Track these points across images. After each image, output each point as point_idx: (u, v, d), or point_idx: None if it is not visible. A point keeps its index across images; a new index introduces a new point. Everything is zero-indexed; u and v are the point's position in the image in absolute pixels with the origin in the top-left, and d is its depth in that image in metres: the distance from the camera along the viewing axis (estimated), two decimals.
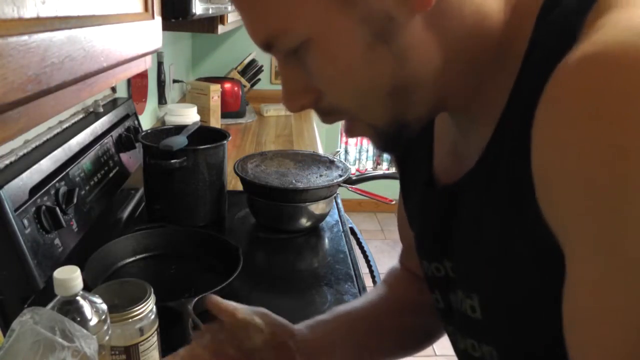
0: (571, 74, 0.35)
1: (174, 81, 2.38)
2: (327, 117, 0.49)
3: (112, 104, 1.41)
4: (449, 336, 0.61)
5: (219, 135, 1.29)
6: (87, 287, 0.63)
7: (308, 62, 0.44)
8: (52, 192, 0.91)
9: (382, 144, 0.50)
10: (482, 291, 0.48)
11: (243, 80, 2.74)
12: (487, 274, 0.47)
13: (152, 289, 0.71)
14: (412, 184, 0.64)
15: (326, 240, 1.29)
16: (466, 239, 0.51)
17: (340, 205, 1.46)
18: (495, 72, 0.45)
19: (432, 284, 0.61)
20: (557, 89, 0.36)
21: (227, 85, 2.44)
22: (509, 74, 0.43)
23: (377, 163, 3.82)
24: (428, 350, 2.43)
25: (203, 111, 2.15)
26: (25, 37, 0.37)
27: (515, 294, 0.45)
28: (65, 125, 1.13)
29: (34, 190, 0.86)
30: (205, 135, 1.28)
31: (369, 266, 1.43)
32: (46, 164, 0.94)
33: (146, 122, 1.92)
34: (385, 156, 3.77)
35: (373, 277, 1.41)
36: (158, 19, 0.75)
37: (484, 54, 0.44)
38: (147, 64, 0.76)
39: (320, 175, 1.29)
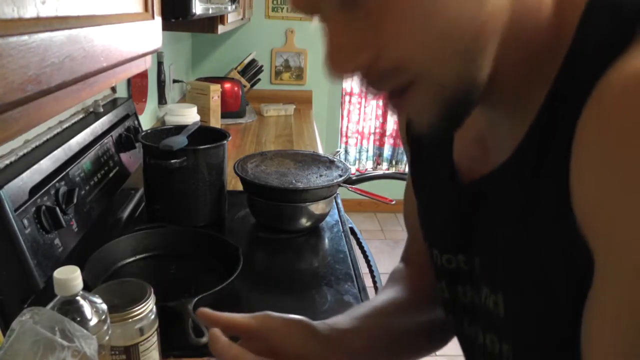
0: (624, 89, 0.34)
1: (174, 81, 2.38)
2: (381, 83, 0.42)
3: (112, 104, 1.41)
4: (452, 325, 0.61)
5: (219, 135, 1.29)
6: (87, 287, 0.63)
7: (377, 8, 0.38)
8: (52, 192, 0.91)
9: (444, 113, 0.42)
10: (507, 291, 0.47)
11: (243, 80, 2.74)
12: (514, 274, 0.46)
13: (152, 289, 0.71)
14: (427, 174, 0.62)
15: (326, 240, 1.29)
16: (491, 236, 0.49)
17: (340, 205, 1.46)
18: (541, 65, 0.42)
19: (439, 274, 0.59)
20: (608, 104, 0.35)
21: (227, 85, 2.44)
22: (552, 69, 0.40)
23: (377, 163, 3.82)
24: None
25: (203, 111, 2.15)
26: (25, 37, 0.37)
27: (541, 296, 0.43)
28: (65, 125, 1.13)
29: (34, 190, 0.86)
30: (205, 135, 1.28)
31: (369, 266, 1.43)
32: (46, 164, 0.94)
33: (146, 122, 1.92)
34: (385, 156, 3.77)
35: (373, 277, 1.41)
36: (158, 19, 0.75)
37: (537, 37, 0.42)
38: (147, 64, 0.76)
39: (320, 175, 1.29)
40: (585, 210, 0.37)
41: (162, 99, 2.14)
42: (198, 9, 1.07)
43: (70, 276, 0.57)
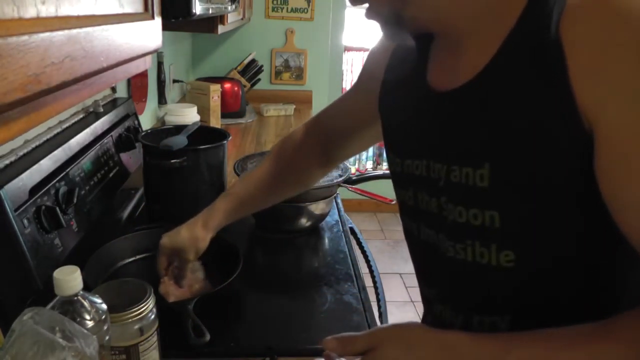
0: None
1: (174, 81, 2.38)
2: (354, 2, 0.62)
3: (112, 104, 1.41)
4: (409, 233, 0.72)
5: (219, 135, 1.29)
6: (87, 287, 0.63)
7: None
8: (52, 192, 0.91)
9: (385, 31, 0.63)
10: (494, 162, 0.57)
11: (243, 80, 2.74)
12: (502, 147, 0.56)
13: (152, 289, 0.71)
14: (402, 95, 0.72)
15: (326, 240, 1.29)
16: (468, 134, 0.60)
17: (340, 205, 1.46)
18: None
19: (406, 183, 0.69)
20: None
21: (227, 85, 2.43)
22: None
23: (377, 163, 3.82)
24: None
25: (203, 111, 2.15)
26: (25, 37, 0.37)
27: (525, 164, 0.55)
28: (65, 125, 1.13)
29: (34, 190, 0.86)
30: (205, 135, 1.28)
31: (369, 266, 1.43)
32: (46, 164, 0.94)
33: (146, 122, 1.92)
34: (385, 156, 3.77)
35: (373, 277, 1.41)
36: (158, 19, 0.75)
37: None
38: (147, 64, 0.76)
39: None
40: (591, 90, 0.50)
41: (162, 99, 2.14)
42: (198, 9, 1.07)
43: (70, 276, 0.57)
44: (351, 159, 3.76)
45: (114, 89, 1.51)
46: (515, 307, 0.62)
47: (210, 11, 1.25)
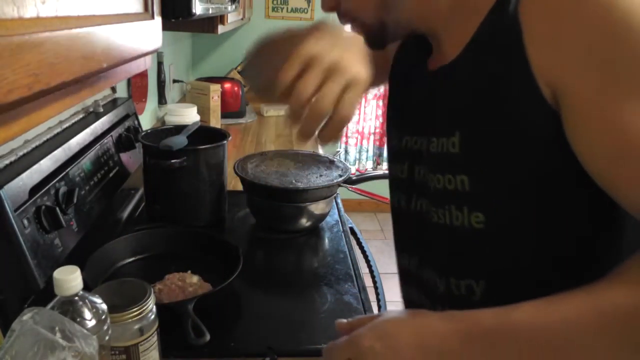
0: None
1: (174, 81, 2.38)
2: (341, 18, 0.69)
3: (112, 104, 1.41)
4: (397, 204, 0.77)
5: (219, 135, 1.29)
6: (87, 287, 0.63)
7: None
8: (52, 192, 0.91)
9: (368, 40, 0.66)
10: (463, 130, 0.62)
11: (243, 80, 2.74)
12: (469, 117, 0.62)
13: (152, 289, 0.71)
14: (404, 82, 0.78)
15: (326, 240, 1.29)
16: (454, 108, 0.64)
17: (340, 205, 1.46)
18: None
19: (403, 157, 0.75)
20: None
21: (227, 85, 2.43)
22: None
23: (377, 163, 3.82)
24: None
25: (203, 111, 2.15)
26: (25, 37, 0.37)
27: (490, 131, 0.60)
28: (65, 125, 1.13)
29: (34, 190, 0.86)
30: (205, 135, 1.28)
31: (369, 266, 1.43)
32: (46, 164, 0.94)
33: (146, 122, 1.92)
34: (385, 156, 3.76)
35: (373, 277, 1.41)
36: (158, 19, 0.75)
37: None
38: (147, 64, 0.76)
39: (320, 175, 1.29)
40: (551, 62, 0.53)
41: (162, 99, 2.14)
42: (198, 9, 1.07)
43: (70, 276, 0.57)
44: (351, 159, 3.76)
45: (114, 89, 1.51)
46: (488, 271, 0.65)
47: (210, 11, 1.25)
